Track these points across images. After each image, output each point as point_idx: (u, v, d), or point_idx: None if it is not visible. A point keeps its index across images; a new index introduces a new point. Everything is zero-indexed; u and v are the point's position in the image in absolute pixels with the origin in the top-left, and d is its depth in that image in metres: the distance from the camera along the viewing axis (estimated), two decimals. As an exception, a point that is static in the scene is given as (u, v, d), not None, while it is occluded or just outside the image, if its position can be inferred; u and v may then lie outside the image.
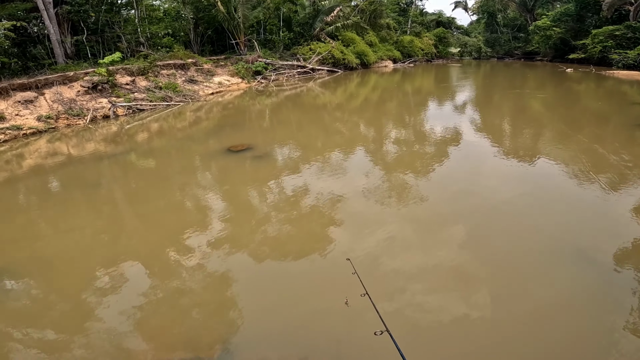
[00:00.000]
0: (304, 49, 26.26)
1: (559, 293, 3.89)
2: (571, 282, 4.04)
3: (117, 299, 4.03)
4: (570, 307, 3.71)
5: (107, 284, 4.28)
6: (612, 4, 28.15)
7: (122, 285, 4.28)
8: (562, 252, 4.54)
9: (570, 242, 4.74)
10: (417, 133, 11.00)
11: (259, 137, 10.96)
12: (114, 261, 4.73)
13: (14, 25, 14.06)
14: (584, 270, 4.20)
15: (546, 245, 4.69)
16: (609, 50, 27.56)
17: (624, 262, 4.29)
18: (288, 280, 4.24)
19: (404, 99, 17.69)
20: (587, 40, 29.58)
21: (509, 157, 8.28)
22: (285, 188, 6.82)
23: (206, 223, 5.64)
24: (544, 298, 3.82)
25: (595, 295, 3.82)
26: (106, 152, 9.94)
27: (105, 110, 14.06)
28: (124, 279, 4.39)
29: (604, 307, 3.64)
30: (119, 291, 4.16)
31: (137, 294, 4.08)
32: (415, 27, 40.05)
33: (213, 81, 19.72)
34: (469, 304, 3.72)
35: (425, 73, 30.11)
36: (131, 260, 4.77)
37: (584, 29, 31.73)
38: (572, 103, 15.90)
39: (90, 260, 4.82)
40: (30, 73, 15.22)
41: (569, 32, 33.12)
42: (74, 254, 5.04)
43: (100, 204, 6.72)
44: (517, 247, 4.71)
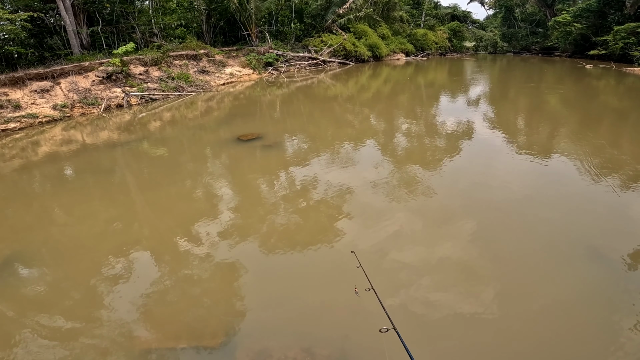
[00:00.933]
0: (315, 40, 26.09)
1: (568, 291, 3.80)
2: (581, 280, 3.95)
3: (125, 286, 4.09)
4: (580, 306, 3.63)
5: (117, 271, 4.35)
6: (636, 0, 27.15)
7: (131, 272, 4.34)
8: (573, 250, 4.43)
9: (582, 241, 4.63)
10: (428, 127, 10.86)
11: (269, 127, 10.98)
12: (124, 248, 4.79)
13: (30, 16, 14.33)
14: (594, 269, 4.10)
15: (556, 243, 4.59)
16: (630, 47, 26.63)
17: (636, 262, 4.17)
18: (294, 271, 4.25)
19: (416, 92, 17.44)
20: (609, 36, 28.67)
21: (522, 153, 8.09)
22: (294, 178, 6.82)
23: (215, 212, 5.69)
24: (552, 296, 3.74)
25: (605, 295, 3.73)
26: (119, 140, 10.11)
27: (119, 100, 14.28)
28: (134, 266, 4.46)
29: (615, 307, 3.55)
30: (128, 279, 4.23)
31: (145, 281, 4.14)
32: (429, 21, 39.34)
33: (224, 72, 19.81)
34: (476, 300, 3.67)
35: (439, 66, 29.59)
36: (141, 248, 4.84)
37: (605, 26, 30.78)
38: (590, 99, 15.42)
39: (102, 247, 4.90)
40: (47, 63, 15.54)
41: (589, 28, 32.13)
42: (86, 240, 5.12)
43: (113, 191, 6.83)
44: (526, 244, 4.61)
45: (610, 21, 30.65)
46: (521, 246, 4.56)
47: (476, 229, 4.95)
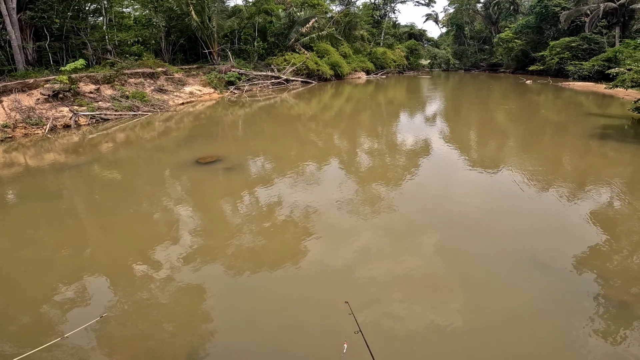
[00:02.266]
0: (278, 59, 26.30)
1: (525, 298, 4.05)
2: (536, 286, 4.22)
3: (78, 311, 3.88)
4: (536, 311, 3.86)
5: (69, 296, 4.12)
6: (569, 15, 30.11)
7: (85, 298, 4.13)
8: (526, 258, 4.75)
9: (532, 248, 4.97)
10: (389, 144, 11.22)
11: (231, 148, 10.78)
12: (76, 274, 4.54)
13: None
14: (548, 275, 4.41)
15: (512, 252, 4.90)
16: (565, 62, 29.29)
17: (581, 267, 4.54)
18: (261, 292, 4.18)
19: (377, 110, 18.06)
20: (545, 52, 31.41)
21: (476, 168, 8.61)
22: (258, 200, 6.73)
23: (175, 235, 5.48)
24: (511, 303, 3.97)
25: (558, 298, 4.02)
26: (67, 163, 9.42)
27: (66, 120, 13.38)
28: (87, 291, 4.24)
29: (566, 310, 3.83)
30: (81, 304, 4.02)
31: (100, 306, 3.93)
32: (388, 39, 41.22)
33: (184, 91, 19.29)
34: (442, 312, 3.79)
35: (397, 84, 31.00)
36: (95, 273, 4.60)
37: (543, 41, 33.68)
38: (532, 114, 16.85)
39: (51, 272, 4.63)
40: (-13, 80, 14.28)
41: (529, 44, 35.13)
42: (33, 266, 4.81)
43: (62, 216, 6.41)
44: (484, 254, 4.87)
45: (547, 37, 33.68)
46: (479, 257, 4.81)
47: (438, 242, 5.19)
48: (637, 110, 13.08)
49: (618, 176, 7.92)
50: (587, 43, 29.07)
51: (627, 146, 10.37)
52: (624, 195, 6.91)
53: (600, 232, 5.36)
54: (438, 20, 56.34)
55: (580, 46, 29.13)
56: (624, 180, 7.77)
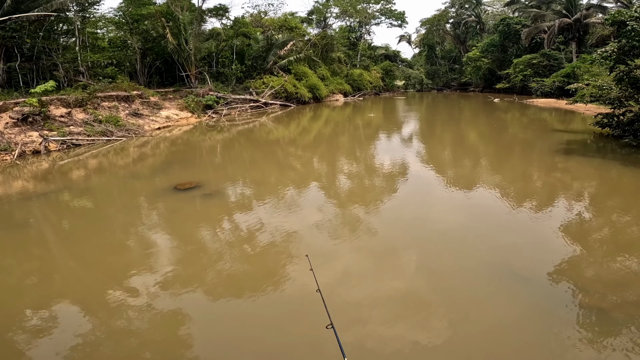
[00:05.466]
0: (257, 82, 26.55)
1: (506, 311, 4.21)
2: (517, 299, 4.39)
3: (50, 341, 3.72)
4: (518, 324, 4.00)
5: (39, 325, 3.95)
6: (529, 32, 32.24)
7: (56, 326, 3.96)
8: (505, 272, 4.96)
9: (510, 262, 5.20)
10: (367, 167, 11.46)
11: (209, 174, 10.67)
12: (46, 302, 4.38)
13: None
14: (527, 287, 4.61)
15: (491, 267, 5.09)
16: (528, 79, 31.03)
17: (559, 277, 4.76)
18: (242, 317, 4.14)
19: (355, 133, 18.48)
20: (510, 69, 33.30)
21: (451, 187, 8.97)
22: (238, 226, 6.67)
23: (151, 263, 5.35)
24: (493, 317, 4.11)
25: (539, 309, 4.19)
26: (35, 190, 9.00)
27: (36, 145, 12.83)
28: (59, 320, 4.08)
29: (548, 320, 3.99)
30: (53, 333, 3.85)
31: (74, 335, 3.77)
32: (364, 61, 42.60)
33: (160, 115, 19.02)
34: (425, 330, 3.87)
35: (374, 106, 31.96)
36: (67, 302, 4.46)
37: (507, 59, 35.67)
38: (501, 132, 17.83)
39: (18, 301, 4.44)
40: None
41: (495, 62, 37.17)
42: None
43: (29, 245, 6.16)
44: (464, 271, 5.03)
45: (510, 54, 35.72)
46: (460, 274, 4.96)
47: (418, 261, 5.33)
48: (598, 124, 13.64)
49: (584, 189, 8.47)
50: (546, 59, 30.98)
51: (591, 160, 11.13)
52: (591, 207, 7.43)
53: (573, 244, 5.69)
54: (411, 41, 58.76)
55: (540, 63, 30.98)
56: (590, 193, 8.33)
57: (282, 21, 32.60)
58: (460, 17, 46.72)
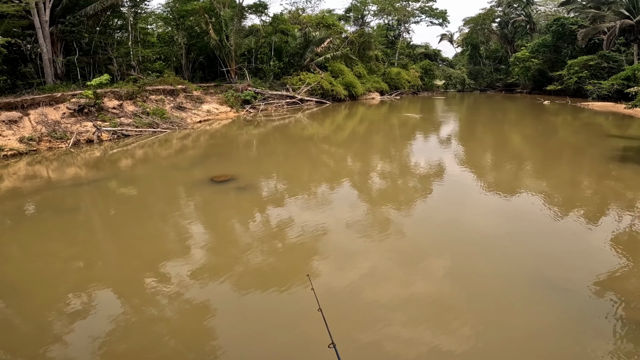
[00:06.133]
0: (293, 79, 26.87)
1: (539, 320, 3.98)
2: (551, 309, 4.14)
3: (85, 323, 3.95)
4: (550, 336, 3.78)
5: (77, 308, 4.21)
6: (586, 33, 29.72)
7: (92, 310, 4.19)
8: (541, 283, 4.68)
9: (547, 275, 4.88)
10: (402, 166, 11.22)
11: (244, 167, 10.97)
12: (86, 286, 4.65)
13: (8, 42, 13.99)
14: (561, 300, 4.32)
15: (526, 275, 4.82)
16: (584, 81, 28.67)
17: (600, 290, 4.43)
18: (267, 312, 4.20)
19: (390, 132, 18.14)
20: (563, 71, 30.92)
21: (490, 191, 8.53)
22: (269, 220, 6.81)
23: (185, 252, 5.59)
24: (523, 326, 3.91)
25: (575, 321, 3.95)
26: (87, 177, 9.76)
27: (90, 134, 13.91)
28: (95, 304, 4.32)
29: (585, 332, 3.76)
30: (88, 316, 4.08)
31: (107, 319, 3.99)
32: (402, 59, 41.68)
33: (202, 109, 19.87)
34: (450, 336, 3.75)
35: (411, 105, 31.14)
36: (104, 286, 4.70)
37: (560, 60, 33.14)
38: (550, 136, 16.62)
39: (61, 285, 4.74)
40: (18, 92, 15.06)
41: (546, 63, 34.65)
42: (44, 278, 4.94)
43: (76, 230, 6.60)
44: (497, 278, 4.81)
45: (564, 55, 33.16)
46: (491, 280, 4.75)
47: (448, 265, 5.14)
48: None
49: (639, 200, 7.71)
50: (605, 61, 28.49)
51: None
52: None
53: (621, 256, 5.24)
54: (453, 40, 56.64)
55: (598, 65, 28.54)
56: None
57: (319, 18, 32.68)
58: (508, 16, 44.15)
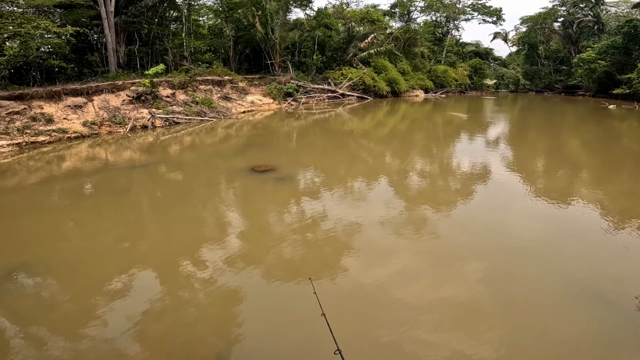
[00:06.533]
0: (335, 73, 26.84)
1: (574, 334, 3.74)
2: (588, 323, 3.87)
3: (123, 303, 4.19)
4: (586, 348, 3.56)
5: (117, 288, 4.48)
6: None
7: (132, 290, 4.44)
8: (582, 294, 4.38)
9: (591, 286, 4.56)
10: (443, 167, 10.82)
11: (284, 158, 11.19)
12: (129, 267, 4.95)
13: (76, 31, 15.41)
14: (602, 313, 4.02)
15: (566, 288, 4.51)
16: None
17: None
18: (294, 304, 4.27)
19: (433, 131, 17.54)
20: (633, 74, 28.04)
21: (538, 197, 7.96)
22: (304, 211, 6.90)
23: (222, 239, 5.82)
24: (559, 339, 3.67)
25: (613, 338, 3.65)
26: (139, 161, 10.50)
27: (145, 121, 14.93)
28: (135, 285, 4.57)
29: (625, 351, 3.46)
30: (127, 296, 4.33)
31: (144, 300, 4.22)
32: (450, 57, 39.98)
33: (246, 100, 20.53)
34: (477, 341, 3.61)
35: (458, 104, 29.79)
36: (145, 268, 4.98)
37: (630, 63, 30.09)
38: (612, 143, 15.08)
39: (107, 264, 5.06)
40: (84, 79, 16.51)
41: (614, 65, 31.53)
42: (92, 256, 5.30)
43: (126, 211, 7.07)
44: (534, 288, 4.53)
45: (635, 58, 29.99)
46: (528, 290, 4.48)
47: (484, 271, 4.91)
48: None
49: None
50: (681, 66, 25.33)
51: None
52: None
53: None
54: (507, 38, 53.27)
55: (673, 69, 25.46)
56: None
57: (363, 13, 32.19)
58: (573, 16, 40.57)
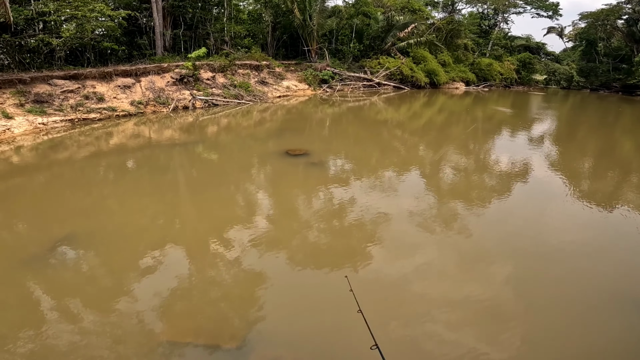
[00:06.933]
0: (372, 62, 26.35)
1: (600, 342, 3.59)
2: (618, 331, 3.69)
3: (156, 279, 4.40)
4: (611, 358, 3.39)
5: (150, 264, 4.69)
6: None
7: (163, 267, 4.64)
8: (623, 300, 4.18)
9: (627, 293, 4.33)
10: (479, 162, 10.42)
11: (317, 144, 11.28)
12: (162, 243, 5.17)
13: (128, 15, 16.24)
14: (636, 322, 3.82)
15: (606, 293, 4.32)
16: None
17: None
18: (316, 289, 4.34)
19: (472, 124, 16.83)
20: None
21: (580, 200, 7.50)
22: (334, 198, 6.96)
23: (251, 220, 6.00)
24: (583, 345, 3.56)
25: None
26: (179, 140, 11.04)
27: (186, 102, 15.60)
28: (166, 261, 4.77)
29: None
30: (160, 272, 4.53)
31: (175, 277, 4.38)
32: (496, 50, 37.87)
33: (282, 85, 20.77)
34: (493, 342, 3.54)
35: (501, 99, 28.27)
36: (177, 245, 5.20)
37: None
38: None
39: (143, 239, 5.31)
40: (133, 61, 17.43)
41: None
42: (131, 231, 5.59)
43: (164, 187, 7.43)
44: (564, 293, 4.34)
45: None
46: (556, 295, 4.31)
47: (510, 273, 4.76)
48: None
49: None
50: None
51: None
52: None
53: None
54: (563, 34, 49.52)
55: None
56: None
57: (404, 2, 30.98)
58: (639, 14, 36.85)
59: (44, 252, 4.80)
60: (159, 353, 3.30)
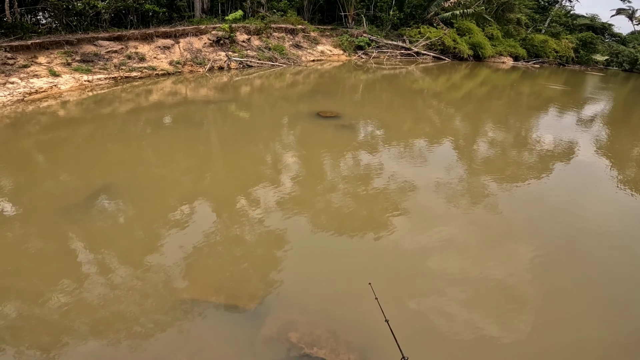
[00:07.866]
0: (412, 31, 24.97)
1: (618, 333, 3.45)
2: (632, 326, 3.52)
3: (183, 235, 4.42)
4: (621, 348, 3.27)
5: (179, 219, 4.77)
6: None
7: (190, 223, 4.66)
8: None
9: None
10: (519, 138, 9.86)
11: (348, 108, 11.10)
12: (192, 198, 5.26)
13: None
14: None
15: (628, 287, 4.08)
16: None
17: None
18: (335, 254, 4.33)
19: (515, 100, 15.78)
20: None
21: (624, 187, 6.97)
22: (361, 163, 6.91)
23: (278, 180, 6.03)
24: (598, 335, 3.43)
25: None
26: (214, 98, 11.27)
27: (222, 62, 15.75)
28: (194, 216, 4.85)
29: None
30: (188, 228, 4.56)
31: (200, 234, 4.43)
32: (554, 27, 34.72)
33: (316, 49, 20.33)
34: (504, 325, 3.46)
35: (553, 76, 26.07)
36: (206, 201, 5.28)
37: None
38: None
39: (174, 193, 5.40)
40: (173, 23, 17.65)
41: None
42: (164, 184, 5.72)
43: (197, 143, 7.62)
44: (590, 282, 4.15)
45: None
46: (581, 284, 4.13)
47: (535, 256, 4.55)
48: None
49: None
50: None
51: None
52: None
53: None
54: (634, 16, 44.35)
55: None
56: None
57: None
58: None
59: (83, 201, 4.95)
60: (181, 309, 3.38)
